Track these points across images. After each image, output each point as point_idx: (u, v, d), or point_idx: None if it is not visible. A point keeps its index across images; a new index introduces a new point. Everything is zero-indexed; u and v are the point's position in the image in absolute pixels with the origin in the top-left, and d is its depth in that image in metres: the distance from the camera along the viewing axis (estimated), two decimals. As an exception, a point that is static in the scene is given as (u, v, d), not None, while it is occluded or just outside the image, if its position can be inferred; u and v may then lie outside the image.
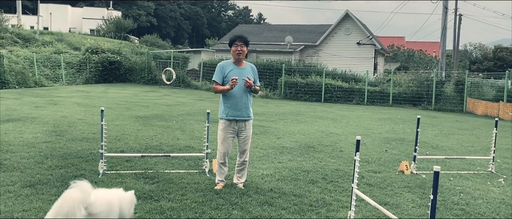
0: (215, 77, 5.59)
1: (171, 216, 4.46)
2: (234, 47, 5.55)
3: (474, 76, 24.90)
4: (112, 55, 27.75)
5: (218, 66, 5.62)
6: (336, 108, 18.87)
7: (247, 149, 5.68)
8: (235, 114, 5.54)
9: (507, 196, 5.97)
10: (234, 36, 5.65)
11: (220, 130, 5.65)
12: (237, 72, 5.52)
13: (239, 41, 5.54)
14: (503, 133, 13.12)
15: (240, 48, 5.51)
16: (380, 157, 8.28)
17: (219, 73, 5.57)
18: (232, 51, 5.58)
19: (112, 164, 6.52)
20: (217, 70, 5.60)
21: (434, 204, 3.02)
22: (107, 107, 13.68)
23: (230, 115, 5.53)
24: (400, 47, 41.50)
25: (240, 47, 5.52)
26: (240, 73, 5.51)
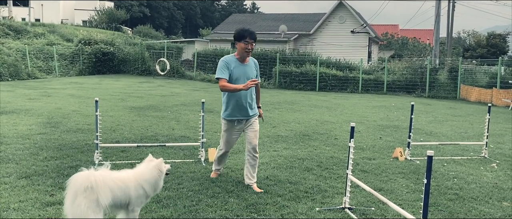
0: (220, 74, 5.01)
1: (168, 204, 4.49)
2: (244, 44, 5.01)
3: (467, 63, 25.03)
4: (105, 46, 27.58)
5: (222, 62, 5.06)
6: (331, 97, 18.92)
7: (256, 144, 5.24)
8: (239, 113, 5.18)
9: (500, 180, 6.05)
10: (244, 31, 5.05)
11: (224, 130, 5.29)
12: (241, 69, 5.10)
13: (250, 39, 5.02)
14: (496, 118, 13.23)
15: (250, 47, 5.03)
16: (375, 144, 8.34)
17: (225, 69, 5.01)
18: (241, 48, 5.05)
19: (108, 155, 6.52)
20: (222, 66, 5.03)
21: (428, 188, 3.06)
22: (101, 98, 13.63)
23: (234, 115, 5.17)
24: (394, 35, 41.53)
25: (250, 46, 5.03)
26: (245, 71, 5.11)
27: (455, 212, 4.66)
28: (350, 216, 4.42)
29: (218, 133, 8.79)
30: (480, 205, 4.93)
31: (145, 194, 3.73)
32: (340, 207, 4.62)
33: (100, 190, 3.46)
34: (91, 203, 3.42)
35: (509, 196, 5.32)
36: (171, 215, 4.21)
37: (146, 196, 3.75)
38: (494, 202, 5.07)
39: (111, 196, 3.53)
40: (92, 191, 3.44)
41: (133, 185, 3.66)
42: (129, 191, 3.64)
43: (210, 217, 4.22)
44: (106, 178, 3.56)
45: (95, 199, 3.43)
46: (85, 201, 3.42)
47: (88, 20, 56.86)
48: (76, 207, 3.41)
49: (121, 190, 3.61)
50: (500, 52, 38.44)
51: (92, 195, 3.45)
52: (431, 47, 33.70)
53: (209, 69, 26.59)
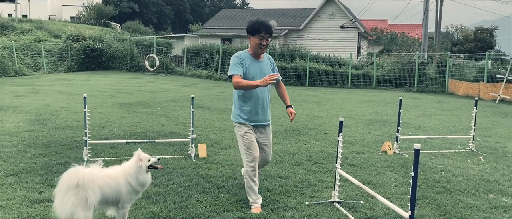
0: (233, 70, 4.39)
1: (158, 200, 4.49)
2: (259, 39, 4.38)
3: (455, 57, 25.26)
4: (93, 43, 27.32)
5: (236, 57, 4.47)
6: (321, 92, 18.99)
7: (270, 160, 4.75)
8: (254, 118, 4.49)
9: (486, 172, 6.14)
10: (258, 24, 4.41)
11: (242, 134, 4.46)
12: (257, 66, 4.47)
13: (266, 33, 4.38)
14: (483, 112, 13.40)
15: (265, 42, 4.41)
16: (364, 138, 8.41)
17: (239, 65, 4.40)
18: (254, 43, 4.42)
19: (97, 151, 6.49)
20: (236, 62, 4.42)
21: (415, 181, 3.10)
22: (90, 95, 13.53)
23: (250, 120, 4.48)
24: (383, 30, 41.76)
25: (266, 41, 4.41)
26: (261, 68, 4.49)
27: (443, 204, 4.72)
28: (339, 209, 4.46)
29: (208, 128, 8.80)
30: (466, 197, 5.01)
31: (133, 189, 3.70)
32: (329, 201, 4.66)
33: (89, 187, 3.45)
34: (80, 200, 3.41)
35: (495, 188, 5.40)
36: (160, 211, 4.21)
37: (135, 192, 3.73)
38: (480, 194, 5.15)
39: (100, 194, 3.52)
40: (81, 189, 3.43)
41: (122, 182, 3.65)
42: (120, 187, 3.63)
43: (200, 212, 4.23)
44: (95, 175, 3.55)
45: (84, 197, 3.42)
46: (74, 198, 3.40)
47: (76, 16, 56.27)
48: (64, 204, 3.40)
49: (111, 187, 3.60)
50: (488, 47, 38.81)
51: (81, 192, 3.43)
52: (419, 42, 33.94)
53: (199, 65, 26.50)
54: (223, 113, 11.04)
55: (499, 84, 18.36)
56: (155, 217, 4.09)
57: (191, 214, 4.18)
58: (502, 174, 6.07)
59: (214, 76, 24.70)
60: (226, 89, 18.15)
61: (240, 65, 4.41)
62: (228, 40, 31.69)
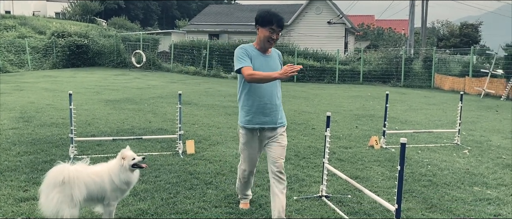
0: (242, 62, 3.77)
1: (145, 197, 4.46)
2: (269, 31, 3.80)
3: (441, 52, 25.52)
4: (79, 39, 27.00)
5: (242, 49, 3.87)
6: (308, 88, 19.05)
7: (282, 165, 3.89)
8: (262, 120, 3.87)
9: (471, 166, 6.23)
10: (270, 15, 3.82)
11: (242, 143, 4.03)
12: (263, 61, 3.88)
13: (277, 27, 3.81)
14: (469, 106, 13.57)
15: (276, 36, 3.85)
16: (351, 133, 8.46)
17: (246, 56, 3.81)
18: (263, 36, 3.82)
19: (83, 149, 6.42)
20: (241, 53, 3.82)
21: (401, 175, 3.12)
22: (76, 92, 13.38)
23: (254, 122, 3.88)
24: (369, 25, 41.96)
25: (276, 35, 3.85)
26: (268, 63, 3.90)
27: (429, 197, 4.78)
28: (327, 204, 4.48)
29: (196, 125, 8.77)
30: (452, 190, 5.07)
31: (118, 188, 3.65)
32: (317, 195, 4.68)
33: (74, 185, 3.42)
34: (65, 198, 3.38)
35: (480, 181, 5.48)
36: (148, 208, 4.19)
37: (120, 190, 3.68)
38: (466, 187, 5.22)
39: (85, 191, 3.49)
40: (66, 186, 3.40)
41: (107, 179, 3.62)
42: (104, 185, 3.60)
43: (188, 209, 4.21)
44: (81, 172, 3.52)
45: (69, 194, 3.39)
46: (59, 195, 3.37)
47: (61, 12, 55.51)
48: (50, 201, 3.37)
49: (97, 184, 3.57)
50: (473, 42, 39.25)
51: (67, 189, 3.40)
52: (406, 37, 34.22)
53: (187, 61, 26.37)
54: (211, 109, 11.01)
55: (484, 78, 18.62)
56: (143, 214, 4.06)
57: (179, 210, 4.16)
58: (487, 167, 6.16)
59: (202, 72, 24.61)
60: (214, 86, 18.10)
61: (246, 56, 3.82)
62: (215, 36, 31.56)
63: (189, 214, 4.08)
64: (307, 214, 4.19)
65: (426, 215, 4.25)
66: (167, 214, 4.08)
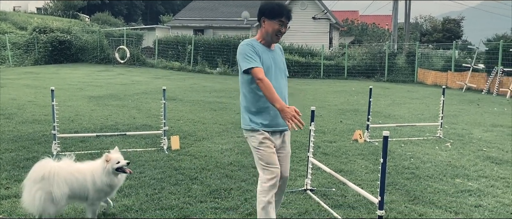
0: (252, 61, 3.33)
1: (130, 193, 4.43)
2: (279, 24, 3.43)
3: (424, 47, 25.84)
4: (61, 35, 26.57)
5: (248, 46, 3.44)
6: (294, 83, 19.10)
7: (287, 175, 3.67)
8: (274, 122, 3.47)
9: (453, 158, 6.34)
10: (280, 6, 3.48)
11: (256, 146, 3.43)
12: (270, 57, 3.51)
13: (286, 19, 3.46)
14: (451, 100, 13.78)
15: (284, 30, 3.50)
16: (336, 127, 8.52)
17: (255, 54, 3.39)
18: (272, 29, 3.44)
19: (66, 145, 6.35)
20: (250, 51, 3.39)
21: (384, 167, 3.16)
22: (58, 88, 13.19)
23: (268, 125, 3.46)
24: (354, 21, 42.23)
25: (285, 28, 3.50)
26: (275, 59, 3.55)
27: (412, 190, 4.85)
28: (311, 197, 4.52)
29: (181, 120, 8.73)
30: (435, 182, 5.15)
31: (100, 189, 3.57)
32: (302, 189, 4.71)
33: (54, 181, 3.38)
34: (46, 194, 3.35)
35: (462, 173, 5.58)
36: (133, 204, 4.17)
37: (103, 191, 3.59)
38: (448, 179, 5.31)
39: (67, 189, 3.44)
40: (46, 182, 3.37)
41: (89, 179, 3.55)
42: (86, 184, 3.54)
43: (173, 204, 4.20)
44: (63, 169, 3.48)
45: (49, 191, 3.36)
46: (40, 192, 3.34)
47: (43, 8, 54.56)
48: (31, 197, 3.35)
49: (79, 183, 3.51)
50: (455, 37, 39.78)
51: (47, 186, 3.37)
52: (389, 32, 34.52)
53: (171, 56, 26.19)
54: (196, 105, 10.97)
55: (466, 73, 18.91)
56: (127, 210, 4.04)
57: (164, 206, 4.15)
58: (468, 160, 6.28)
59: (187, 68, 24.48)
60: (199, 81, 18.03)
61: (255, 54, 3.39)
62: (200, 31, 31.40)
63: (174, 210, 4.07)
64: (292, 208, 4.22)
65: (409, 207, 4.32)
66: (152, 210, 4.06)
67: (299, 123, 3.20)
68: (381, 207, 3.22)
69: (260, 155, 3.40)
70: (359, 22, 42.04)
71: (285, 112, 3.19)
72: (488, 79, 17.76)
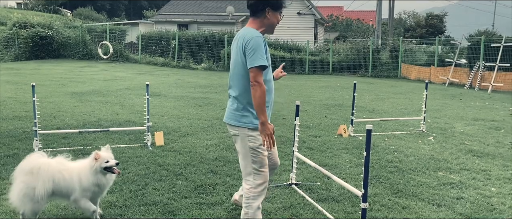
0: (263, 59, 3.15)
1: (113, 190, 4.38)
2: (281, 16, 3.39)
3: (408, 43, 26.08)
4: (43, 30, 26.08)
5: (261, 39, 3.20)
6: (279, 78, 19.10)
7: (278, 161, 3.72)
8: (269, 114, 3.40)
9: (436, 152, 6.42)
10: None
11: (257, 147, 3.28)
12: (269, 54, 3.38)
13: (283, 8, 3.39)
14: (434, 95, 13.96)
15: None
16: (321, 122, 8.56)
17: (266, 52, 3.23)
18: (276, 20, 3.36)
19: (48, 142, 6.25)
20: (263, 46, 3.18)
21: (367, 160, 3.18)
22: (40, 84, 12.98)
23: None
24: (338, 16, 42.42)
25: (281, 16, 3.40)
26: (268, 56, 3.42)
27: (395, 183, 4.89)
28: (296, 191, 4.53)
29: (165, 116, 8.66)
30: (418, 176, 5.21)
31: (87, 188, 3.46)
32: (287, 183, 4.72)
33: (40, 177, 3.32)
34: (27, 189, 3.29)
35: (444, 166, 5.66)
36: (116, 200, 4.12)
37: (89, 191, 3.48)
38: (430, 172, 5.37)
39: (52, 187, 3.37)
40: (33, 177, 3.32)
41: (76, 178, 3.47)
42: (74, 184, 3.45)
43: (157, 200, 4.17)
44: (52, 166, 3.41)
45: (33, 187, 3.30)
46: (22, 185, 3.29)
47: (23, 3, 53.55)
48: (15, 189, 3.31)
49: (66, 182, 3.44)
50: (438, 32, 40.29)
51: (32, 181, 3.32)
52: (373, 28, 34.77)
53: (155, 52, 25.97)
54: (181, 101, 10.90)
55: (449, 68, 19.17)
56: (111, 206, 3.99)
57: (148, 202, 4.11)
58: (451, 153, 6.36)
59: (171, 63, 24.30)
60: (184, 77, 17.92)
61: (266, 54, 3.22)
62: (184, 26, 31.19)
63: (158, 206, 4.04)
64: (277, 202, 4.22)
65: (393, 200, 4.36)
66: (136, 206, 4.02)
67: (271, 143, 3.16)
68: (364, 200, 3.24)
69: (257, 158, 3.27)
70: (344, 17, 42.26)
71: (266, 128, 3.15)
72: (470, 74, 18.03)
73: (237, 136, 3.32)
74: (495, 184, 4.95)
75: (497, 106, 11.95)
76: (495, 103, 12.63)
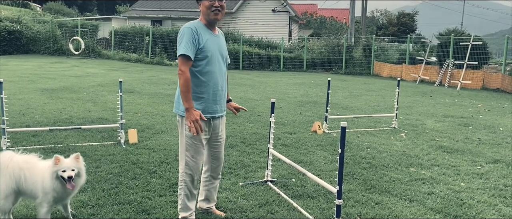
0: (186, 48, 3.26)
1: (86, 189, 4.29)
2: (208, 1, 3.35)
3: (380, 41, 26.55)
4: (10, 24, 25.26)
5: (188, 29, 3.31)
6: (254, 75, 19.13)
7: (222, 157, 3.77)
8: (213, 109, 3.47)
9: (408, 148, 6.55)
10: None
11: (189, 136, 3.41)
12: (215, 42, 3.45)
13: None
14: (405, 92, 14.25)
15: (218, 3, 3.36)
16: (295, 119, 8.61)
17: (192, 42, 3.29)
18: (204, 7, 3.37)
19: (17, 140, 6.07)
20: (188, 36, 3.28)
21: (342, 158, 3.22)
22: (8, 80, 12.58)
23: (206, 112, 3.42)
24: (313, 14, 42.73)
25: (218, 1, 3.36)
26: (219, 44, 3.50)
27: (368, 179, 4.97)
28: (272, 188, 4.54)
29: (139, 113, 8.54)
30: (390, 171, 5.31)
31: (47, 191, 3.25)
32: (262, 181, 4.73)
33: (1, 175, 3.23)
34: None
35: (416, 162, 5.78)
36: (89, 200, 4.04)
37: (51, 196, 3.26)
38: (402, 168, 5.49)
39: (13, 185, 3.26)
40: None
41: (39, 179, 3.28)
42: (36, 185, 3.29)
43: (131, 199, 4.10)
44: (16, 164, 3.30)
45: None
46: None
47: (-11, -4, 51.71)
48: None
49: (27, 181, 3.29)
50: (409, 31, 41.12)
51: None
52: (347, 26, 35.18)
53: (128, 48, 25.56)
54: (155, 97, 10.76)
55: (419, 66, 19.60)
56: (83, 206, 3.91)
57: (121, 201, 4.05)
58: (422, 149, 6.51)
59: (145, 59, 23.97)
60: (158, 73, 17.70)
61: (193, 42, 3.28)
62: (158, 22, 30.80)
63: (132, 204, 3.98)
64: (252, 199, 4.23)
65: (366, 196, 4.43)
66: (109, 205, 3.95)
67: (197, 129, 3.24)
68: (339, 196, 3.28)
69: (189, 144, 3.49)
70: (318, 15, 42.60)
71: (192, 114, 3.24)
72: (440, 71, 18.49)
73: (178, 122, 3.52)
74: (464, 179, 5.10)
75: (466, 103, 12.30)
76: (463, 100, 13.00)
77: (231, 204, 4.09)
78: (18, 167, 3.31)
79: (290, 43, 29.05)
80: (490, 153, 6.37)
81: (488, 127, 8.57)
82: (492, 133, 7.98)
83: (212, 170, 3.75)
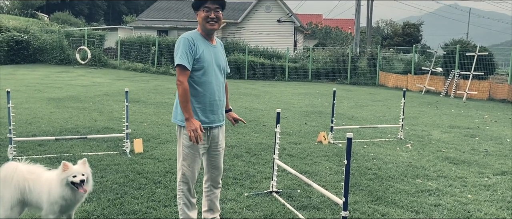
0: (183, 58, 3.29)
1: (91, 199, 4.29)
2: (205, 12, 3.37)
3: (385, 51, 26.52)
4: (18, 34, 25.55)
5: (184, 39, 3.35)
6: (259, 85, 19.16)
7: (222, 166, 3.78)
8: (211, 118, 3.52)
9: (414, 159, 6.52)
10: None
11: (187, 146, 3.43)
12: (212, 52, 3.46)
13: (212, 3, 3.37)
14: (411, 103, 14.21)
15: (214, 15, 3.38)
16: (300, 129, 8.60)
17: (189, 54, 3.32)
18: (201, 18, 3.40)
19: (23, 149, 6.09)
20: (184, 46, 3.31)
21: (348, 169, 3.20)
22: (15, 90, 12.68)
23: (203, 122, 3.44)
24: (318, 24, 42.86)
25: (214, 13, 3.38)
26: (216, 55, 3.51)
27: (374, 190, 4.94)
28: (277, 199, 4.52)
29: (145, 123, 8.56)
30: (396, 183, 5.28)
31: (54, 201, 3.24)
32: (267, 191, 4.71)
33: (6, 185, 3.24)
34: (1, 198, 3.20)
35: (422, 173, 5.75)
36: (94, 210, 4.04)
37: (58, 205, 3.24)
38: (408, 179, 5.45)
39: (18, 196, 3.25)
40: (5, 185, 3.23)
41: (45, 189, 3.27)
42: (42, 195, 3.27)
43: (136, 209, 4.10)
44: (21, 174, 3.30)
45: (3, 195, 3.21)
46: None
47: (-2, 6, 52.35)
48: None
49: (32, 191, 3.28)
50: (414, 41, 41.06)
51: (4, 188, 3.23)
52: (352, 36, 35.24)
53: (134, 58, 25.71)
54: (160, 107, 10.80)
55: (425, 76, 19.55)
56: (88, 215, 3.91)
57: (126, 211, 4.04)
58: (428, 160, 6.47)
59: (151, 69, 24.10)
60: (163, 83, 17.78)
61: (190, 52, 3.30)
62: (164, 32, 30.99)
63: (137, 215, 3.98)
64: (258, 210, 4.21)
65: (372, 207, 4.40)
66: (114, 215, 3.95)
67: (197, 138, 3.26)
68: (345, 208, 3.26)
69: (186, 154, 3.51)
70: (323, 25, 42.73)
71: (191, 123, 3.26)
72: (446, 82, 18.43)
73: (177, 132, 3.53)
74: (472, 191, 5.05)
75: (472, 114, 12.24)
76: (470, 111, 12.94)
77: (236, 215, 4.07)
78: (22, 177, 3.30)
79: (295, 53, 29.11)
80: (497, 164, 6.32)
81: (494, 138, 8.51)
82: (499, 144, 7.92)
83: (212, 180, 3.73)
